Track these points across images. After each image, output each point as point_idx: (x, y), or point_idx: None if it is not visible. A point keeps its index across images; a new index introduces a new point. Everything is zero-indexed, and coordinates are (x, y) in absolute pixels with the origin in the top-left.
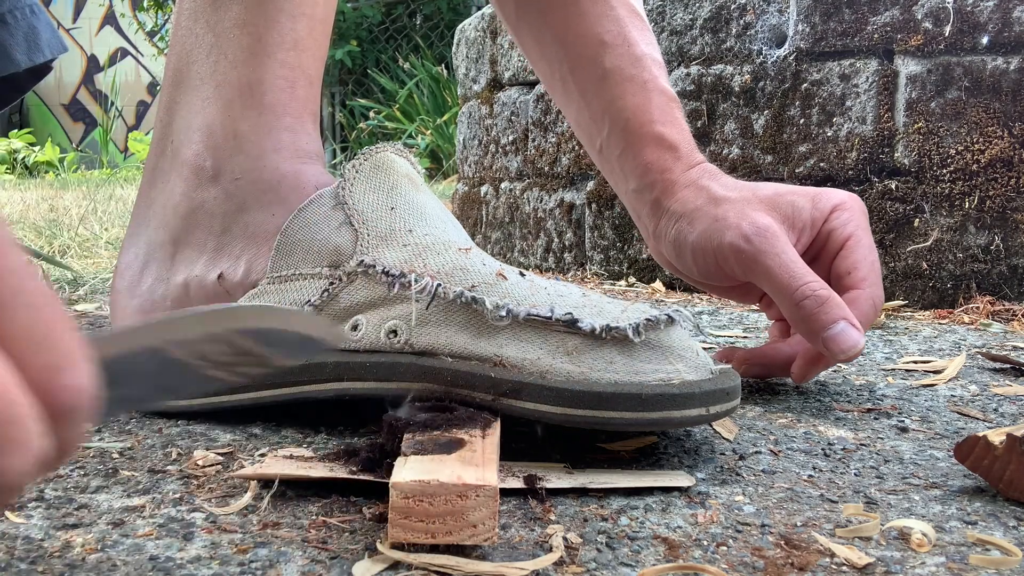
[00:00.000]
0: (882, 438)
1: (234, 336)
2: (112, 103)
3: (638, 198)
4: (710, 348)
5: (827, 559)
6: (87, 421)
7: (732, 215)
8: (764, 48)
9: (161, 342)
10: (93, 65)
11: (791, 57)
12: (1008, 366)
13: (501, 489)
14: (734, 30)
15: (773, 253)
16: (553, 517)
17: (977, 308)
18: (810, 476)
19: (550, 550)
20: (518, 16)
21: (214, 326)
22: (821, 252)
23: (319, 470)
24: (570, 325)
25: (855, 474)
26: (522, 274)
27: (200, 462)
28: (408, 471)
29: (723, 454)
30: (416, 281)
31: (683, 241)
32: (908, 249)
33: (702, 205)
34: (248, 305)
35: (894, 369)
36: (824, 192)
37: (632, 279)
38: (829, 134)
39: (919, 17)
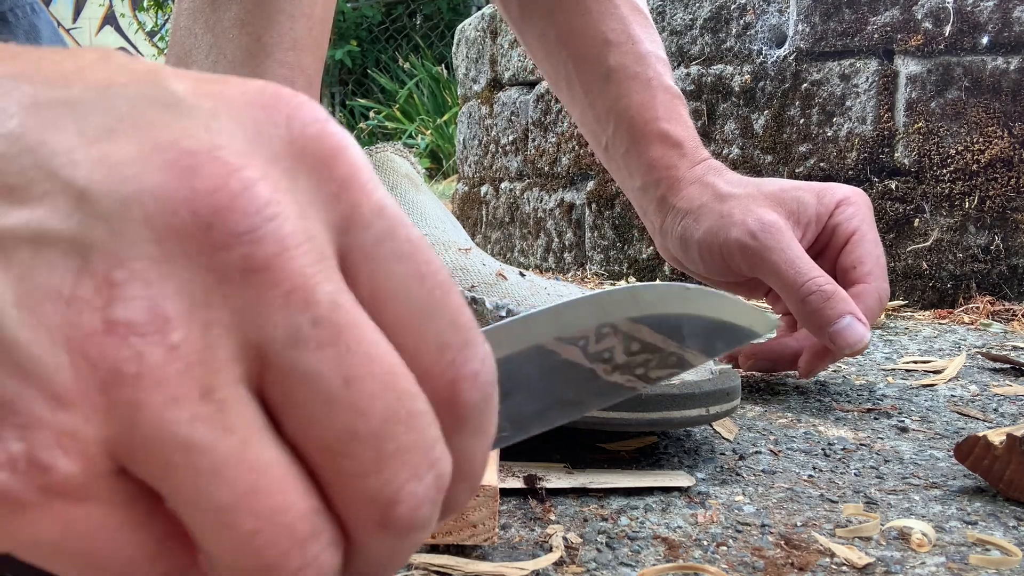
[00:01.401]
0: (882, 438)
1: (636, 327)
2: None
3: (644, 195)
4: None
5: (827, 559)
6: (490, 434)
7: (738, 211)
8: (764, 48)
9: (548, 339)
10: None
11: (791, 57)
12: (1008, 366)
13: (501, 489)
14: (734, 30)
15: (779, 249)
16: (553, 517)
17: (977, 308)
18: (810, 476)
19: (550, 550)
20: (522, 16)
21: (611, 314)
22: (826, 247)
23: None
24: None
25: (855, 474)
26: (522, 274)
27: None
28: None
29: (723, 454)
30: None
31: (689, 237)
32: (908, 249)
33: (708, 202)
34: (652, 284)
35: (894, 369)
36: (829, 187)
37: (632, 279)
38: (829, 134)
39: (919, 17)
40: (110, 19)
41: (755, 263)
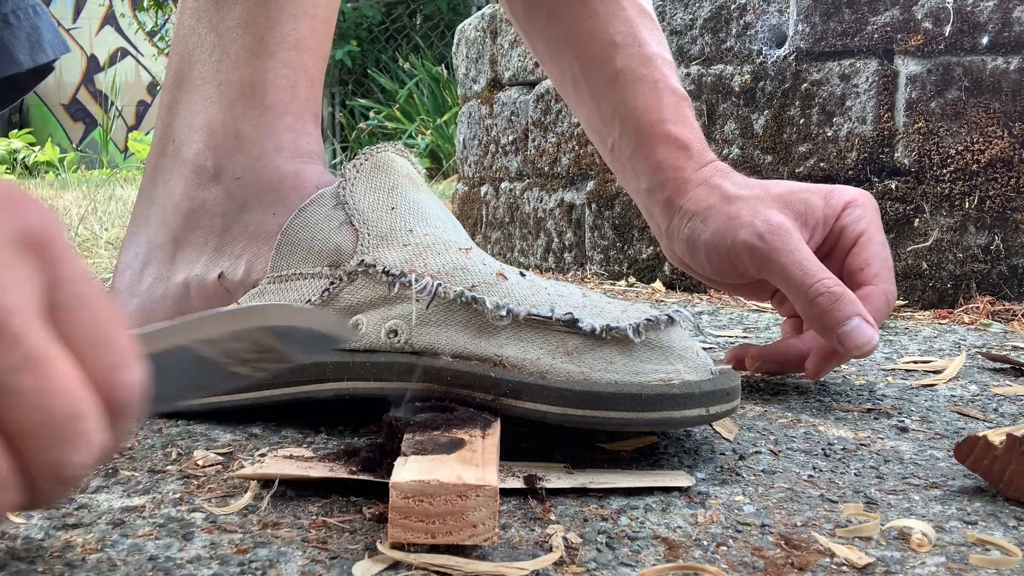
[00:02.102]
0: (882, 438)
1: (257, 333)
2: (112, 103)
3: (650, 197)
4: (710, 348)
5: (827, 559)
6: (137, 416)
7: (745, 213)
8: (764, 48)
9: (189, 340)
10: (93, 65)
11: (791, 57)
12: (1008, 366)
13: (501, 489)
14: (734, 30)
15: (787, 250)
16: (553, 517)
17: (977, 308)
18: (810, 476)
19: (550, 550)
20: (527, 17)
21: (238, 324)
22: (834, 249)
23: (319, 470)
24: (570, 325)
25: (855, 474)
26: (522, 274)
27: (200, 462)
28: (408, 471)
29: (723, 454)
30: (416, 281)
31: (696, 239)
32: (908, 249)
33: (715, 203)
34: (268, 304)
35: (894, 369)
36: (836, 189)
37: (632, 279)
38: (829, 134)
39: (919, 17)
40: (110, 19)
41: (763, 265)
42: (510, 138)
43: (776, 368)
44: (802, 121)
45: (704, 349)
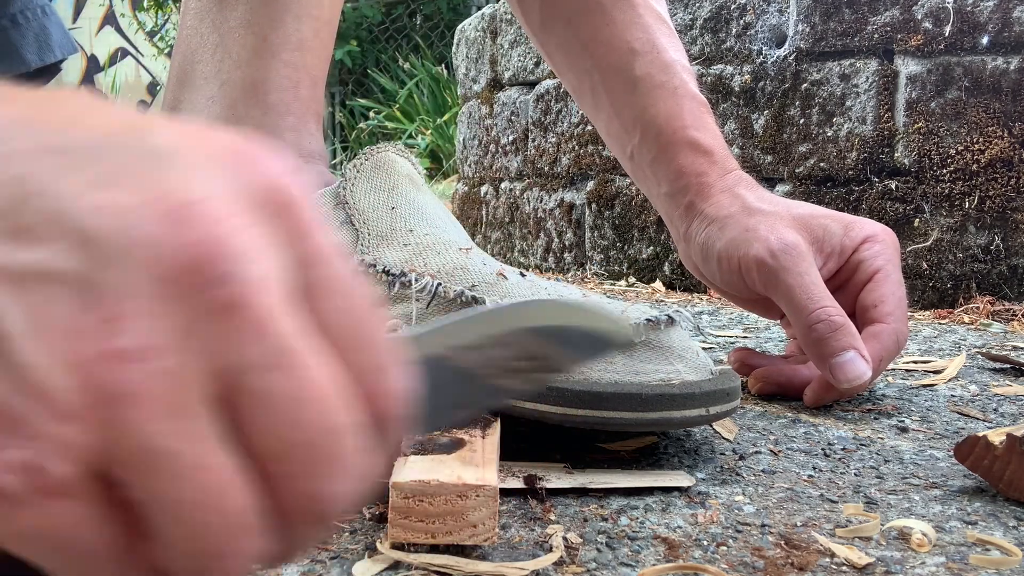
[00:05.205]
0: (882, 438)
1: (525, 337)
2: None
3: (671, 202)
4: (710, 348)
5: (827, 559)
6: (402, 435)
7: (763, 228)
8: (764, 48)
9: (446, 349)
10: (93, 65)
11: (791, 57)
12: (1008, 366)
13: (501, 489)
14: (734, 30)
15: (796, 272)
16: (553, 517)
17: (977, 308)
18: (810, 476)
19: (550, 550)
20: (543, 27)
21: (501, 326)
22: (848, 282)
23: None
24: None
25: (855, 474)
26: (522, 274)
27: None
28: (408, 471)
29: (723, 454)
30: (416, 280)
31: (711, 246)
32: (908, 249)
33: (735, 213)
34: (533, 300)
35: (894, 369)
36: (858, 221)
37: (632, 279)
38: (829, 134)
39: (919, 17)
40: (110, 19)
41: (770, 282)
42: (510, 138)
43: (776, 390)
44: (802, 121)
45: (704, 349)
